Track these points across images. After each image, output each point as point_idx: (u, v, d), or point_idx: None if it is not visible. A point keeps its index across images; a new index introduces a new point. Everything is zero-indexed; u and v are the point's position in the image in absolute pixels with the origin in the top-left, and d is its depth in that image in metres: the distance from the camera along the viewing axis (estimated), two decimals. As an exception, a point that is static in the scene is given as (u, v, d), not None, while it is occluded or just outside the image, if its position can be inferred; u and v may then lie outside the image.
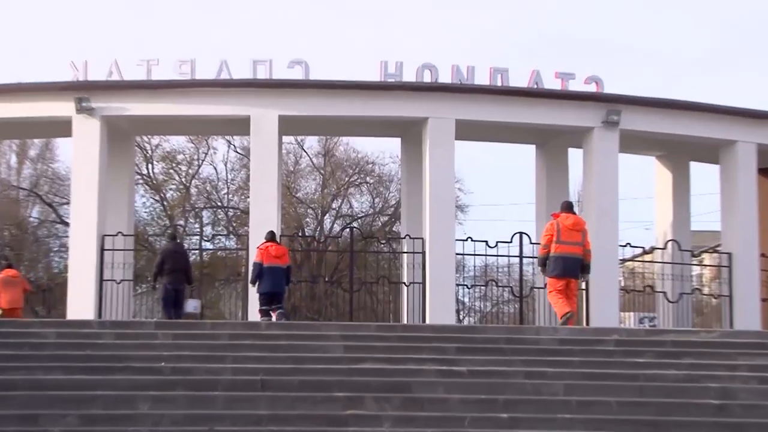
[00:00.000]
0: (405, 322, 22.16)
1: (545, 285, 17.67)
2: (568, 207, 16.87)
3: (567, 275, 16.25)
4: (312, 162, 42.05)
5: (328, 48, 62.57)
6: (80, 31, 64.62)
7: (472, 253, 22.54)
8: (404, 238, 22.98)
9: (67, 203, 32.12)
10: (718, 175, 23.99)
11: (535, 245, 21.46)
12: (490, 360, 13.36)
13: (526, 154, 26.52)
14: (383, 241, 28.98)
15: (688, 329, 19.69)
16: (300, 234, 38.80)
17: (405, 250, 22.85)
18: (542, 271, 16.93)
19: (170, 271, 18.83)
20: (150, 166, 39.83)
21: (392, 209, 40.94)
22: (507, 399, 11.86)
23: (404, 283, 22.54)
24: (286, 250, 18.95)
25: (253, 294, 19.13)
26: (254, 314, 19.34)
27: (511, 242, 22.43)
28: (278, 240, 19.32)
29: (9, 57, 61.82)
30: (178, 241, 20.82)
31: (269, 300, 18.45)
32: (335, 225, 41.26)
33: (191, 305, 19.27)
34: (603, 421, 11.48)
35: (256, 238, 19.70)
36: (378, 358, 13.30)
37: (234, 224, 40.03)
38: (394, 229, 39.77)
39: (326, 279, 33.32)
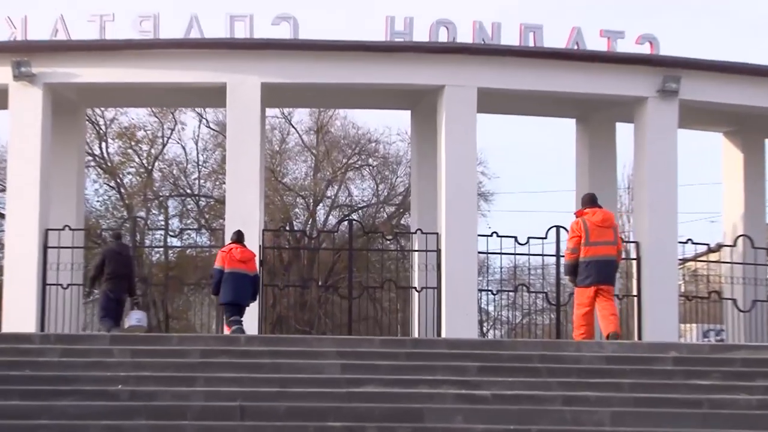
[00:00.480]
0: (416, 335, 22.20)
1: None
2: (591, 201, 16.95)
3: (601, 281, 16.38)
4: (302, 140, 42.14)
5: (320, 0, 62.59)
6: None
7: (498, 251, 22.57)
8: (415, 233, 23.00)
9: (3, 190, 32.18)
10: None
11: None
12: (521, 382, 13.38)
13: (564, 130, 26.52)
14: (389, 237, 29.01)
15: (763, 345, 19.68)
16: (287, 228, 38.88)
17: (416, 248, 22.88)
18: (571, 280, 16.99)
19: (112, 276, 18.96)
20: (104, 144, 39.92)
21: (400, 198, 41.02)
22: (541, 430, 11.88)
23: (415, 288, 22.58)
24: (253, 255, 19.01)
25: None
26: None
27: (545, 238, 22.42)
28: (245, 242, 19.26)
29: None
30: (124, 241, 20.88)
31: (236, 310, 18.48)
32: (331, 217, 41.38)
33: (134, 318, 19.33)
34: (658, 456, 11.53)
35: (234, 233, 19.71)
36: (383, 380, 13.33)
37: (206, 216, 40.11)
38: (402, 222, 39.84)
39: (320, 283, 33.36)
